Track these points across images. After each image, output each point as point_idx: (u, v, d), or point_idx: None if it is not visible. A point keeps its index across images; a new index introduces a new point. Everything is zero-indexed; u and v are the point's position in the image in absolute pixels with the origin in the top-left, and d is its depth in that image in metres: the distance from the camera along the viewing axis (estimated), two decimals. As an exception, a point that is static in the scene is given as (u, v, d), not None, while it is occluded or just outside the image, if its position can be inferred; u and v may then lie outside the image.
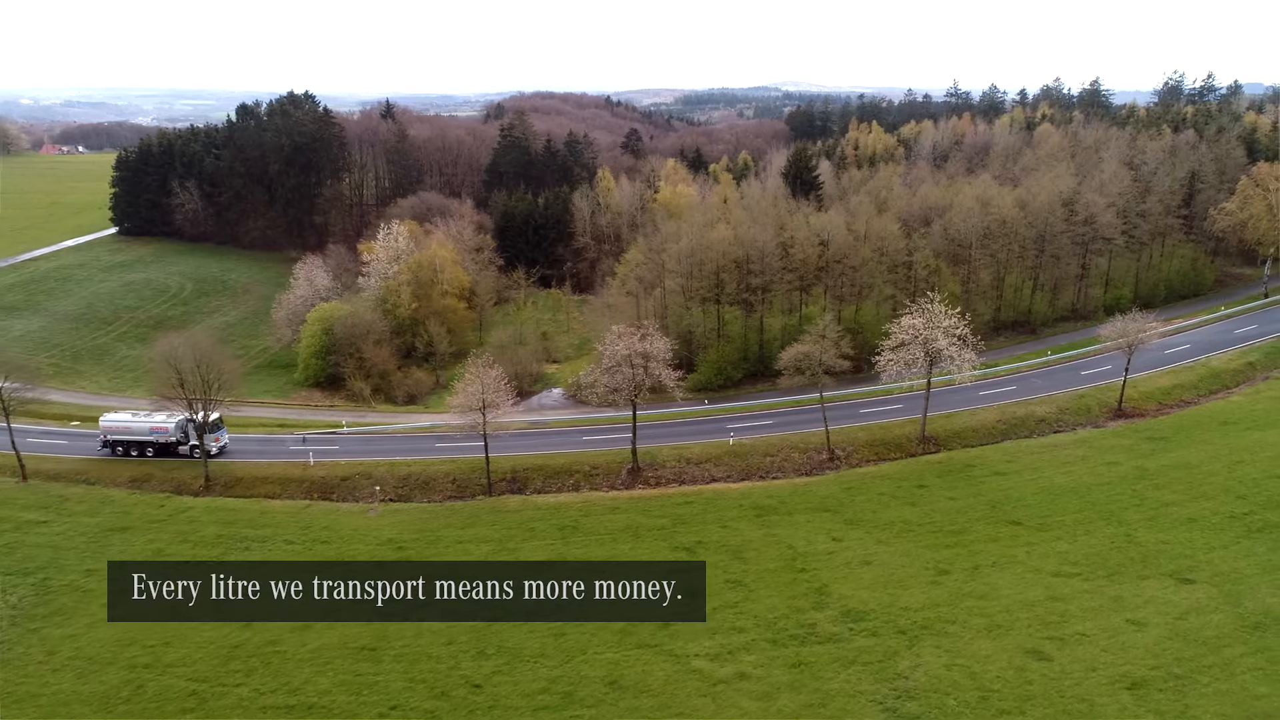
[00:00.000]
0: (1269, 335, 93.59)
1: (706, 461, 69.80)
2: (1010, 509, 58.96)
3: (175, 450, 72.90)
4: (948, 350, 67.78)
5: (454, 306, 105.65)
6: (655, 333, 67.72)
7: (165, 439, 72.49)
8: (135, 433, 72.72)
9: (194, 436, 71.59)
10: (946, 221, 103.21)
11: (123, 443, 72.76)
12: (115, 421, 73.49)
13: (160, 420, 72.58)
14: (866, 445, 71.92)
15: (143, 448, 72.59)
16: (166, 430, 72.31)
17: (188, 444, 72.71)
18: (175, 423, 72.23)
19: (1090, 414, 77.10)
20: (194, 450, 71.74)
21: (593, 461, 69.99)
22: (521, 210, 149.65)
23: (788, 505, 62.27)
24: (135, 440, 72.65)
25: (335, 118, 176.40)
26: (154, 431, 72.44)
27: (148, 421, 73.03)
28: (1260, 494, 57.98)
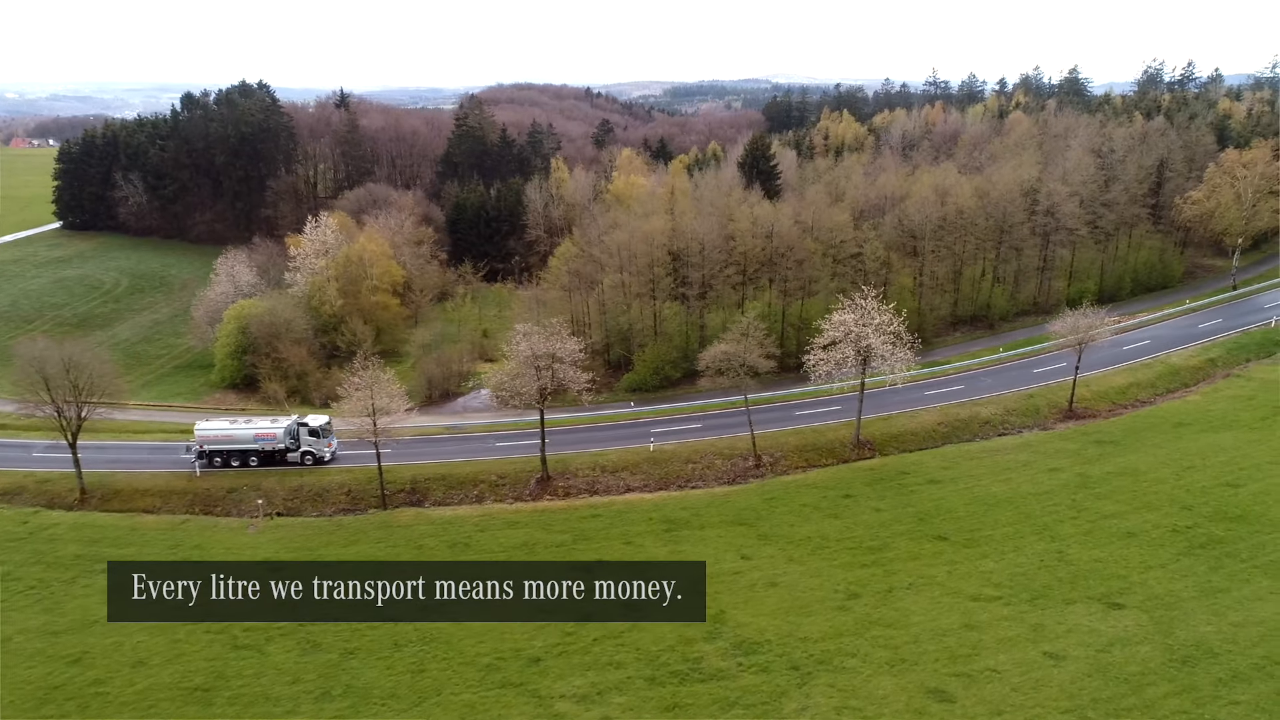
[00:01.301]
0: (1233, 330, 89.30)
1: (623, 470, 65.01)
2: (938, 522, 54.35)
3: (284, 458, 66.79)
4: (880, 349, 63.06)
5: (385, 303, 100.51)
6: (564, 332, 62.81)
7: (272, 446, 66.37)
8: (238, 441, 66.11)
9: (305, 442, 66.47)
10: (900, 212, 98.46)
11: (222, 453, 66.15)
12: (213, 430, 66.42)
13: (265, 426, 66.72)
14: (796, 451, 67.23)
15: (245, 457, 66.28)
16: (274, 436, 66.22)
17: (298, 450, 66.88)
18: (284, 428, 66.46)
19: (1039, 415, 72.60)
20: (305, 457, 66.56)
21: (501, 470, 65.15)
22: (473, 202, 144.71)
23: (701, 518, 57.55)
24: (237, 449, 66.30)
25: (285, 108, 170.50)
26: (259, 439, 66.05)
27: (250, 428, 66.79)
28: (1207, 504, 53.52)
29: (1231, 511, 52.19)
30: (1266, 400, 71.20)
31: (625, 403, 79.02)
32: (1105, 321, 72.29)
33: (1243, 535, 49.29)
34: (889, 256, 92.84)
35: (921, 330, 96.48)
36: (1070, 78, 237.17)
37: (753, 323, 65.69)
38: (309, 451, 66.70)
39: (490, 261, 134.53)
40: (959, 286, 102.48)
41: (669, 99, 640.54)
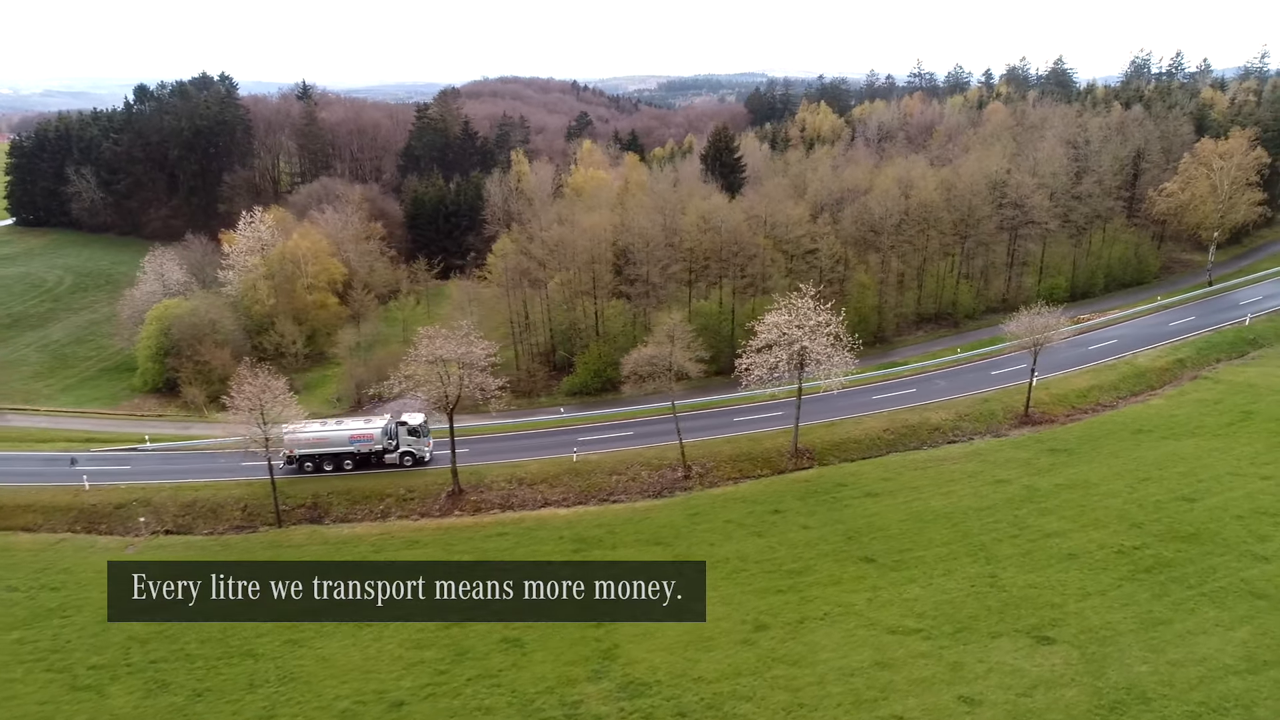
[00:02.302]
0: (1205, 328, 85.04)
1: (542, 482, 60.68)
2: (867, 541, 50.08)
3: (381, 460, 63.22)
4: (817, 352, 58.71)
5: (323, 302, 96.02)
6: (474, 334, 58.38)
7: (370, 448, 62.53)
8: (332, 443, 61.99)
9: (404, 441, 62.82)
10: (860, 206, 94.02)
11: (314, 457, 62.15)
12: (305, 433, 61.55)
13: (360, 427, 62.74)
14: (730, 461, 62.93)
15: (339, 460, 62.25)
16: (371, 438, 62.32)
17: (396, 451, 63.25)
18: (381, 428, 62.70)
19: (993, 421, 68.33)
20: (404, 458, 63.04)
21: (410, 484, 60.80)
22: (431, 197, 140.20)
23: (617, 536, 53.26)
24: (332, 453, 62.25)
25: (243, 100, 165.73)
26: (355, 440, 62.05)
27: (345, 429, 62.92)
28: (1159, 521, 49.27)
29: (1183, 530, 47.96)
30: (1233, 404, 66.97)
31: (556, 408, 74.70)
32: (1061, 322, 67.93)
33: (1193, 558, 45.05)
34: (845, 253, 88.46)
35: (881, 329, 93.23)
36: (1055, 69, 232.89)
37: (679, 324, 61.26)
38: (408, 452, 63.28)
39: (448, 258, 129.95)
40: (922, 283, 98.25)
41: (663, 93, 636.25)
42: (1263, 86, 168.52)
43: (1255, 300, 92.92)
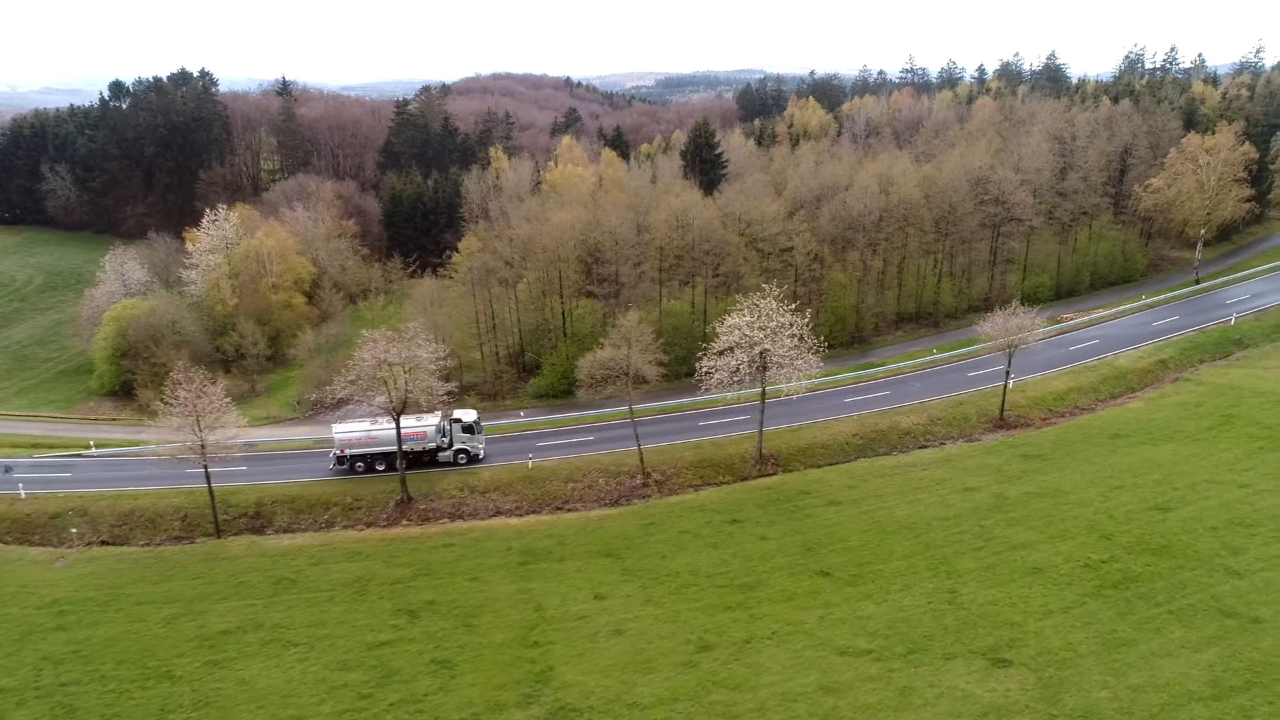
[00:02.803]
0: (1189, 328, 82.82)
1: (495, 490, 58.49)
2: (825, 553, 47.92)
3: (434, 458, 61.62)
4: (779, 355, 56.49)
5: (287, 302, 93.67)
6: (421, 337, 56.17)
7: (423, 445, 60.88)
8: (384, 442, 59.63)
9: (459, 439, 61.23)
10: (837, 203, 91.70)
11: (365, 456, 60.45)
12: (354, 433, 60.12)
13: (412, 424, 60.16)
14: (691, 467, 60.76)
15: (391, 460, 60.06)
16: (425, 435, 60.53)
17: (450, 449, 61.63)
18: (435, 425, 60.82)
19: (966, 425, 66.18)
20: (459, 456, 61.47)
21: (358, 492, 58.61)
22: (410, 193, 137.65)
23: (566, 547, 51.10)
24: (385, 451, 60.17)
25: (221, 96, 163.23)
26: (409, 439, 59.87)
27: (394, 427, 59.66)
28: (1129, 532, 47.12)
29: (1154, 542, 45.79)
30: (1214, 408, 64.78)
31: (516, 412, 72.38)
32: (1036, 323, 65.69)
33: (1162, 572, 42.88)
34: (820, 251, 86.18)
35: (860, 329, 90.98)
36: (1048, 65, 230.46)
37: (636, 326, 58.98)
38: (463, 450, 61.66)
39: (425, 256, 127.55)
40: (902, 282, 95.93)
41: (661, 90, 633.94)
42: (1255, 81, 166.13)
43: (1242, 299, 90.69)
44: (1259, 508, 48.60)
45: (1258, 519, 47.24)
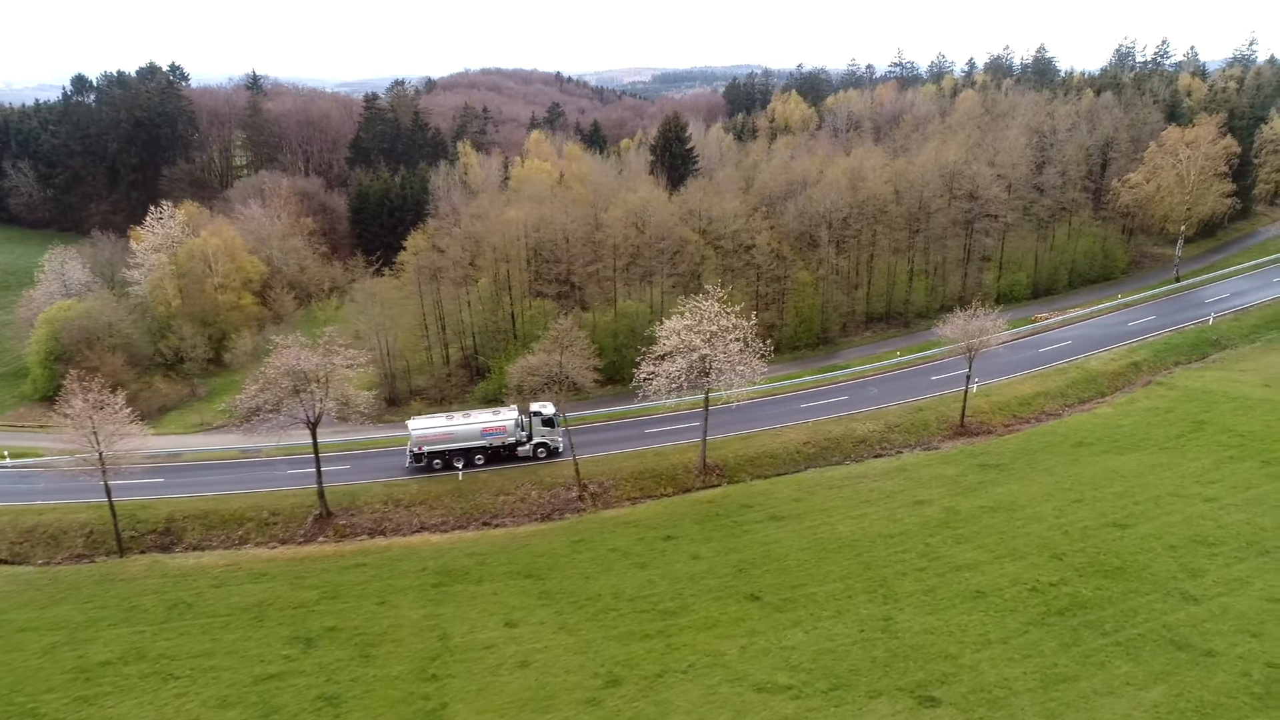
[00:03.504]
0: (1166, 329, 79.69)
1: (420, 503, 55.29)
2: (759, 574, 44.76)
3: (513, 452, 60.28)
4: (719, 361, 53.29)
5: (235, 302, 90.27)
6: (338, 343, 52.92)
7: (502, 440, 59.55)
8: (461, 438, 58.75)
9: (538, 433, 59.94)
10: (803, 199, 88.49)
11: (444, 453, 58.87)
12: (433, 428, 58.76)
13: (489, 419, 59.45)
14: (631, 478, 57.57)
15: (470, 455, 59.04)
16: (504, 430, 59.28)
17: (529, 443, 60.24)
18: (514, 420, 59.57)
19: (925, 432, 63.04)
20: (538, 450, 60.23)
21: (276, 506, 55.37)
22: (376, 190, 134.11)
23: (486, 567, 47.91)
24: (463, 448, 59.00)
25: (188, 91, 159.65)
26: (487, 433, 58.89)
27: (474, 423, 59.43)
28: (1084, 552, 43.99)
29: (1109, 563, 42.66)
30: (1185, 414, 61.65)
31: (452, 419, 69.00)
32: (998, 325, 62.53)
33: (1113, 597, 39.75)
34: (782, 248, 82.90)
35: (826, 330, 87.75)
36: (1038, 58, 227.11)
37: (569, 330, 55.73)
38: (542, 443, 60.42)
39: (390, 254, 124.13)
40: (871, 281, 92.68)
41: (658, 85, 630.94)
42: (1245, 74, 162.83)
43: (1222, 298, 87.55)
44: (1223, 524, 45.49)
45: (1220, 537, 44.13)
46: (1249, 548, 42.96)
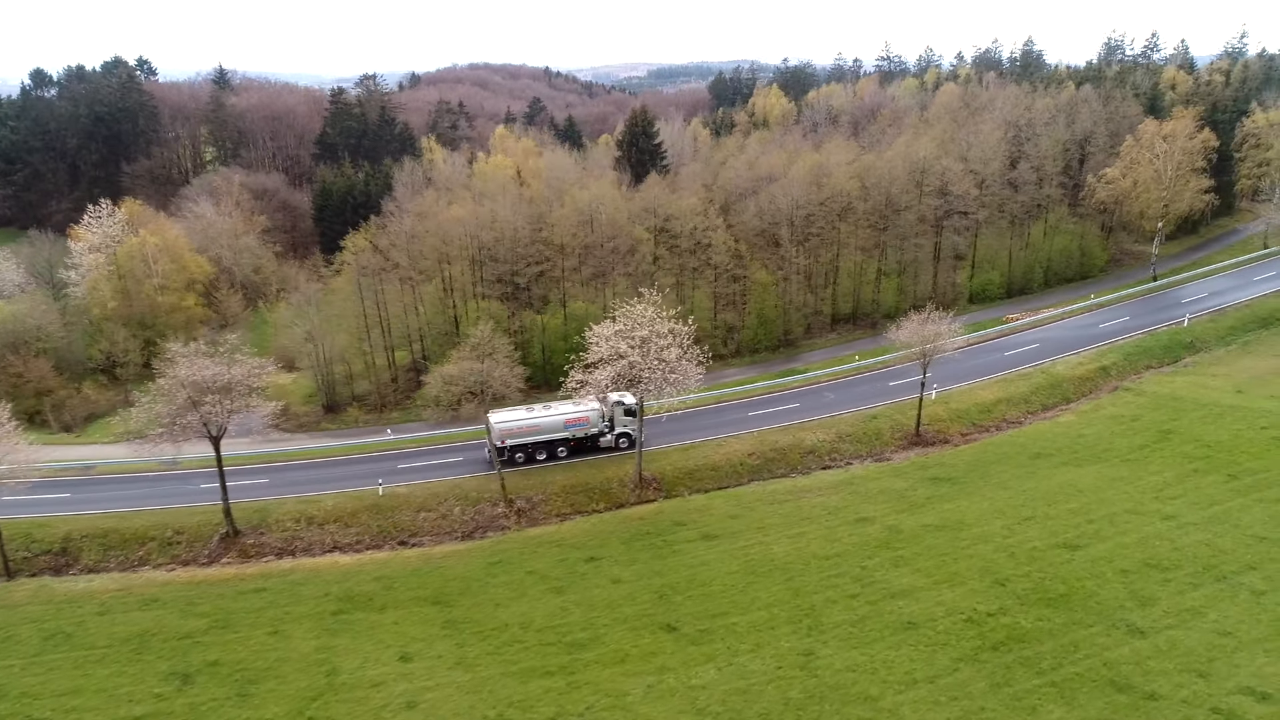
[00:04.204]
0: (1138, 330, 76.55)
1: (335, 521, 52.04)
2: (680, 601, 41.58)
3: (595, 444, 59.55)
4: (648, 370, 50.05)
5: (176, 304, 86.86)
6: (240, 352, 49.60)
7: (585, 431, 58.82)
8: (546, 430, 57.93)
9: (621, 422, 58.87)
10: (764, 197, 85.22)
11: (526, 446, 57.81)
12: (518, 421, 57.30)
13: (574, 410, 58.09)
14: (562, 493, 54.36)
15: (553, 448, 58.48)
16: (587, 420, 58.46)
17: (611, 433, 59.38)
18: (596, 410, 58.32)
19: (878, 442, 59.87)
20: (620, 440, 59.31)
21: (182, 524, 52.07)
22: (340, 187, 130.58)
23: (393, 593, 44.69)
24: (546, 440, 58.20)
25: (151, 86, 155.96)
26: (570, 425, 58.21)
27: (557, 414, 58.34)
28: (1029, 576, 40.84)
29: (1054, 589, 39.51)
30: (1151, 422, 58.52)
31: (382, 428, 65.80)
32: (954, 330, 59.30)
33: (1055, 629, 36.59)
34: (740, 247, 79.65)
35: (788, 332, 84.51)
36: (1025, 51, 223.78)
37: (490, 336, 52.42)
38: (624, 433, 59.25)
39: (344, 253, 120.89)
40: (837, 280, 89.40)
41: (653, 80, 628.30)
42: (1233, 67, 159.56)
43: (1199, 298, 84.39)
44: (1180, 545, 42.36)
45: (1176, 560, 40.99)
46: (1205, 572, 39.83)
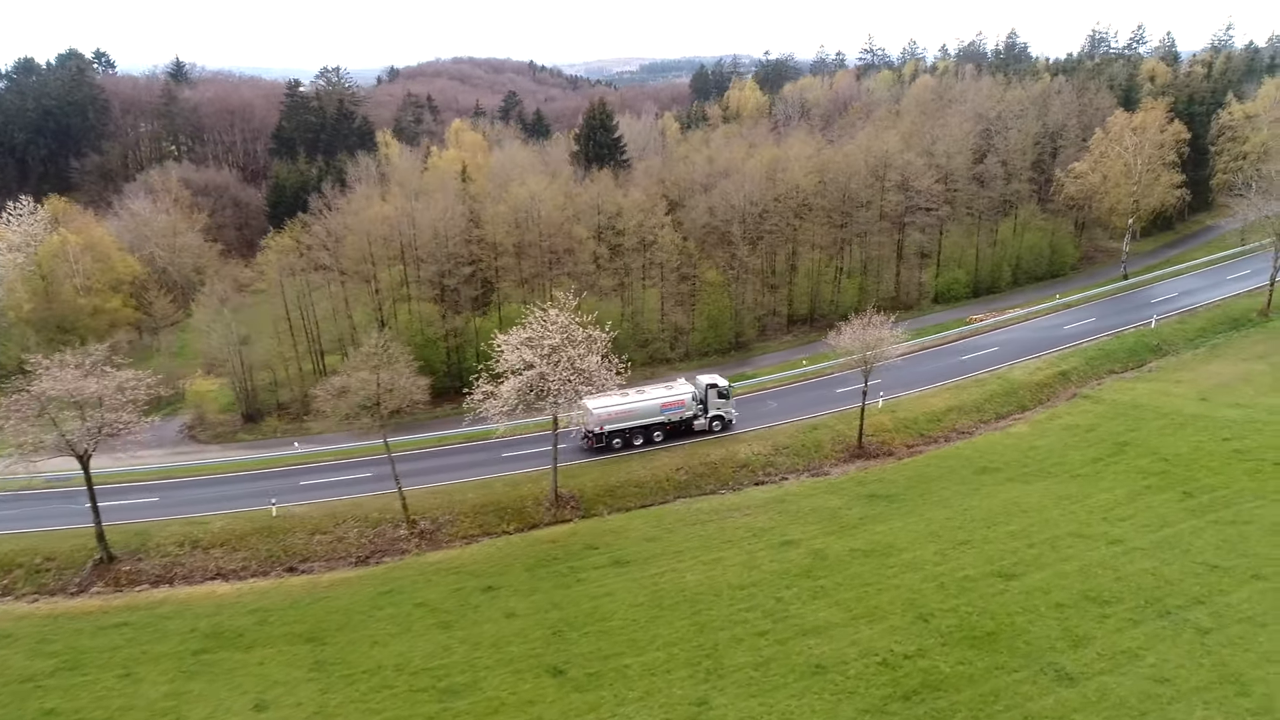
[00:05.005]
0: (1104, 332, 72.98)
1: (222, 545, 48.07)
2: (575, 639, 37.75)
3: (690, 427, 58.83)
4: (556, 382, 46.20)
5: (100, 306, 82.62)
6: (102, 364, 45.51)
7: (680, 415, 58.26)
8: (642, 414, 57.52)
9: (714, 405, 58.19)
10: (717, 193, 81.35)
11: (624, 431, 57.23)
12: (615, 406, 56.37)
13: (667, 394, 58.17)
14: (472, 512, 50.48)
15: (649, 433, 57.91)
16: (682, 404, 58.06)
17: (705, 417, 58.58)
18: (689, 393, 58.21)
19: (817, 455, 56.14)
20: (714, 423, 58.60)
21: (55, 548, 48.11)
22: (293, 182, 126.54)
23: (266, 628, 40.77)
24: (643, 425, 57.68)
25: (99, 79, 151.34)
26: (666, 409, 57.74)
27: (652, 398, 57.85)
28: (955, 611, 37.10)
29: (981, 627, 35.77)
30: (1107, 433, 54.87)
31: (289, 441, 61.70)
32: (897, 335, 55.50)
33: (976, 675, 32.86)
34: (688, 246, 75.79)
35: (740, 335, 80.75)
36: (1009, 43, 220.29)
37: (387, 343, 48.45)
38: (718, 415, 58.88)
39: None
40: (793, 280, 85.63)
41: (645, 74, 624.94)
42: (1215, 59, 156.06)
43: (1170, 297, 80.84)
44: (1123, 574, 38.68)
45: (1117, 592, 37.31)
46: (1148, 607, 36.14)
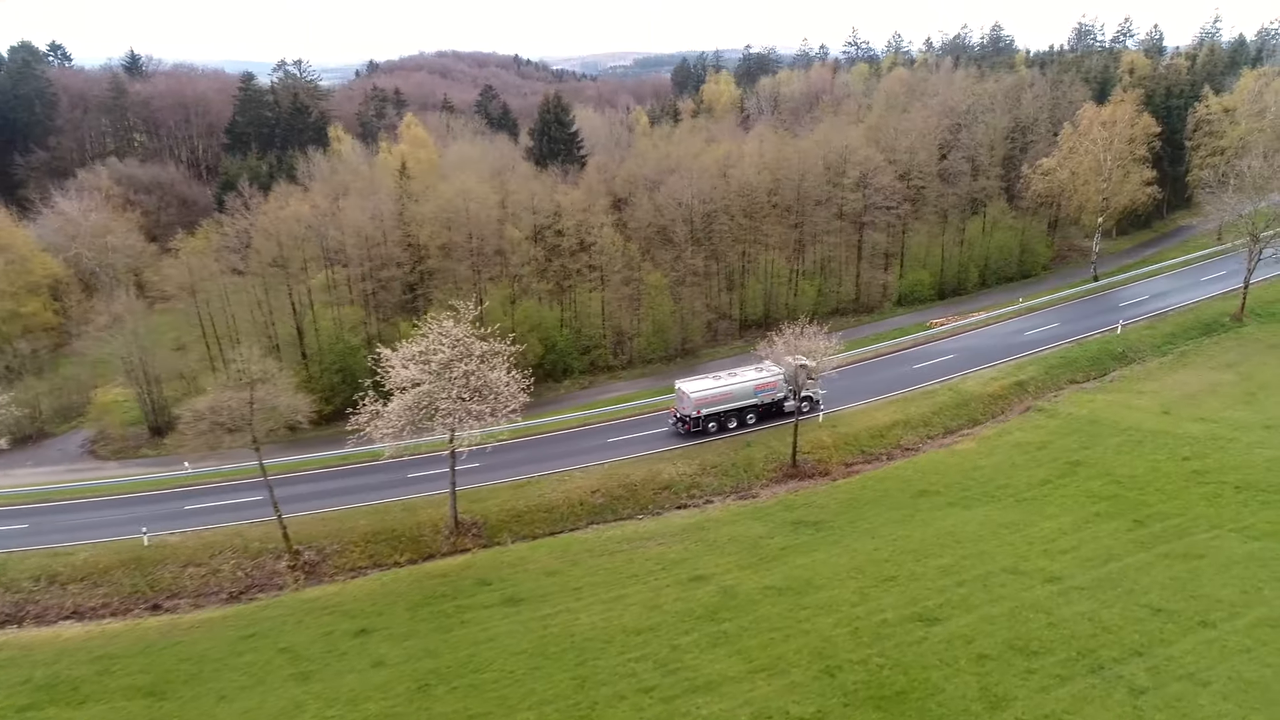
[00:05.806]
0: (1067, 338, 69.00)
1: (83, 579, 43.87)
2: (440, 694, 33.62)
3: (781, 409, 58.56)
4: (447, 402, 42.03)
5: (14, 311, 78.16)
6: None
7: (773, 397, 58.35)
8: (738, 396, 57.39)
9: (805, 385, 56.82)
10: (664, 190, 77.15)
11: (719, 414, 56.90)
12: (711, 389, 56.32)
13: (759, 376, 57.89)
14: (363, 541, 46.32)
15: (743, 415, 57.88)
16: (775, 386, 58.04)
17: (795, 399, 57.20)
18: (780, 374, 57.44)
19: (748, 474, 52.07)
20: (804, 403, 57.45)
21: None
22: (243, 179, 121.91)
23: (104, 679, 36.56)
24: (737, 408, 57.54)
25: (46, 72, 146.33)
26: (760, 390, 57.83)
27: (744, 380, 57.74)
28: (867, 663, 33.03)
29: (892, 684, 31.72)
30: (1059, 451, 50.88)
31: (180, 462, 57.39)
32: (831, 346, 51.44)
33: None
34: (630, 247, 71.57)
35: (686, 340, 76.66)
36: (993, 36, 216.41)
37: (260, 359, 44.15)
38: (808, 396, 58.26)
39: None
40: (746, 282, 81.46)
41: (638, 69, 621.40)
42: (1199, 52, 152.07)
43: (1140, 300, 76.90)
44: (1057, 619, 34.64)
45: (1048, 641, 33.26)
46: (1079, 660, 32.11)
